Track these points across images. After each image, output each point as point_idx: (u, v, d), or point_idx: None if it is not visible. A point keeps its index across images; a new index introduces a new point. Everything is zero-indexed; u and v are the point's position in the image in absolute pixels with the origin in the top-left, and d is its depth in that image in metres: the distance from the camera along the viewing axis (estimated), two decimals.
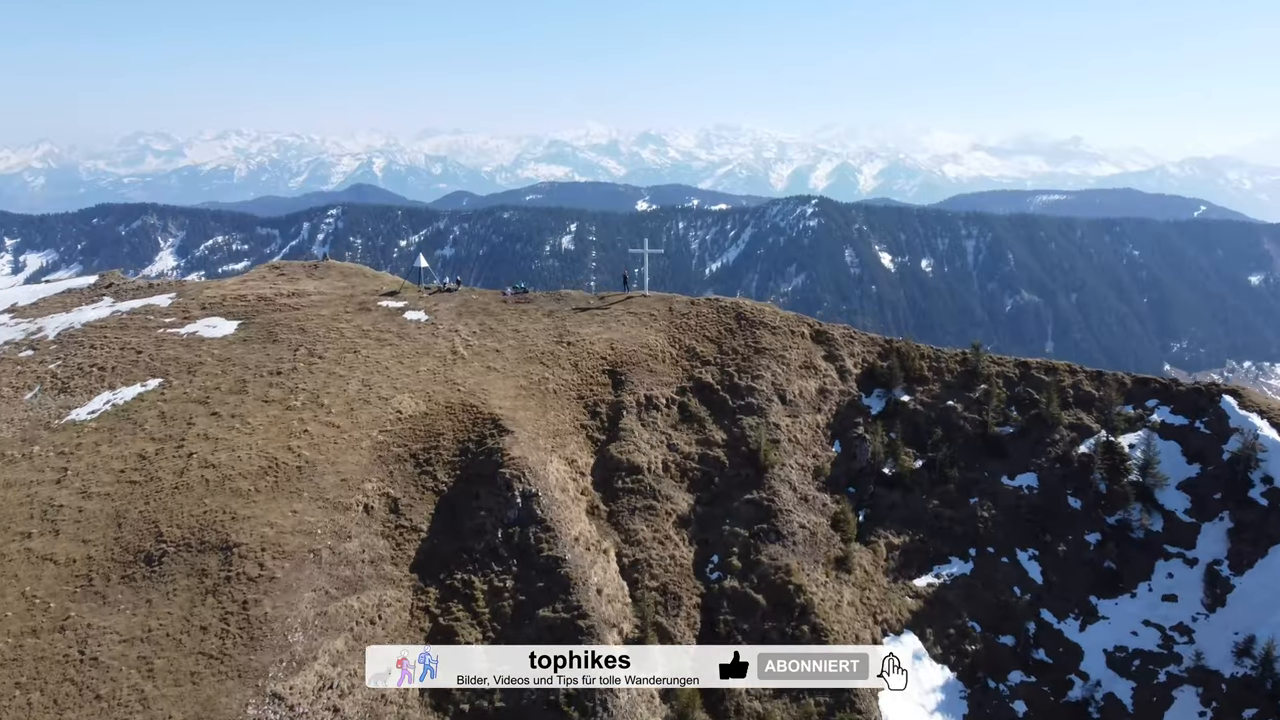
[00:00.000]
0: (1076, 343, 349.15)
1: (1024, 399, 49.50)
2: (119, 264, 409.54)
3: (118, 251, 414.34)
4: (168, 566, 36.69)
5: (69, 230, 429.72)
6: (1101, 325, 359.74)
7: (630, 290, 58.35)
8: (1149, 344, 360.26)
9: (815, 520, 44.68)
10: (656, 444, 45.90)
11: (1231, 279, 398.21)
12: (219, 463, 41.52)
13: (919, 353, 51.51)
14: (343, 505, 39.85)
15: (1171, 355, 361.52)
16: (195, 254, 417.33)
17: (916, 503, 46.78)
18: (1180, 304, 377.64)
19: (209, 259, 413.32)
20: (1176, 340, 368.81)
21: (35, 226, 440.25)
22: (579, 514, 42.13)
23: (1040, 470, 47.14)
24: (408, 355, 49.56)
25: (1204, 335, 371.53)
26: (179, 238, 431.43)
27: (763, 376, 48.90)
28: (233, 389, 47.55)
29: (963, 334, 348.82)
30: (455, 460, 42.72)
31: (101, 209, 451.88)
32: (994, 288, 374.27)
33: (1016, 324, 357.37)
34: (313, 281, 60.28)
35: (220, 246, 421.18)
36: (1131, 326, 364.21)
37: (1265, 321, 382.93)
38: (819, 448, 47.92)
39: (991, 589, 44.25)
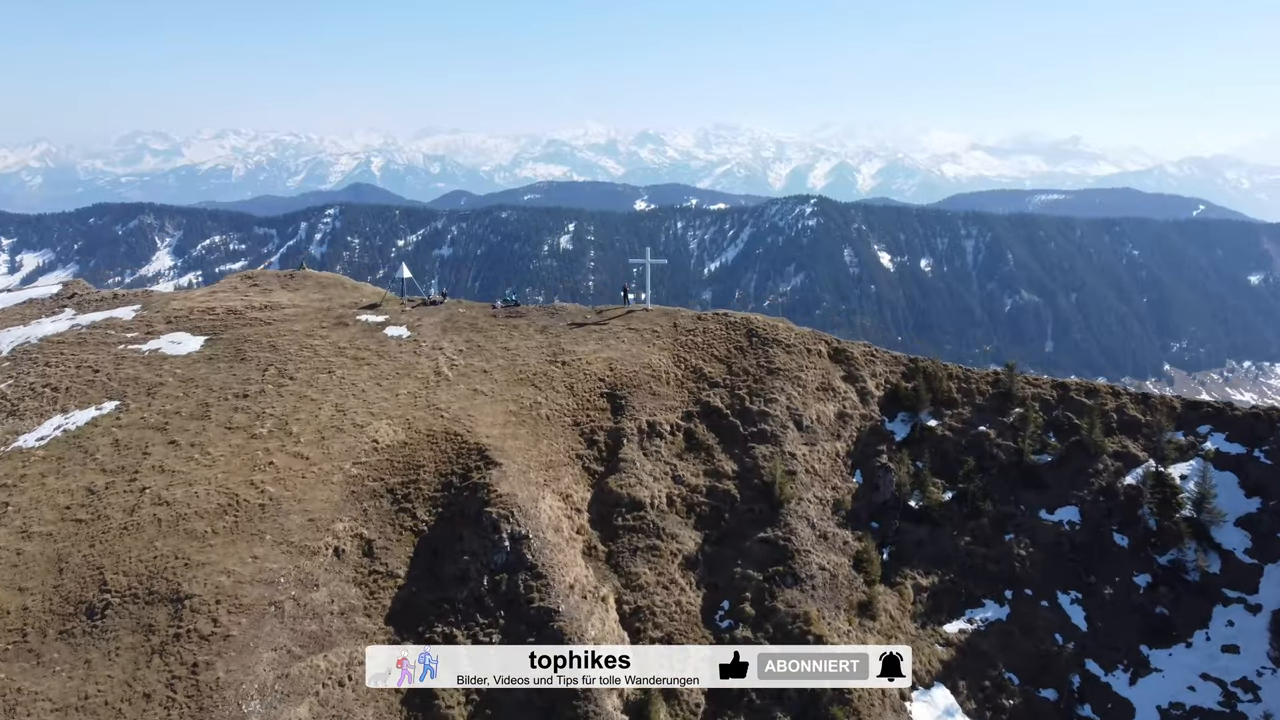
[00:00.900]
0: (1076, 342, 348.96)
1: (1063, 424, 45.14)
2: (116, 264, 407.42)
3: (114, 251, 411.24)
4: (111, 621, 32.57)
5: (65, 230, 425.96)
6: (1101, 325, 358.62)
7: (630, 304, 54.02)
8: (1149, 344, 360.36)
9: (836, 560, 40.38)
10: (660, 476, 41.58)
11: (1231, 278, 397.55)
12: (174, 499, 37.36)
13: (947, 373, 47.14)
14: (310, 549, 35.65)
15: (1171, 355, 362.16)
16: (192, 254, 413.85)
17: (946, 539, 42.50)
18: (1180, 303, 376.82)
19: (206, 259, 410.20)
20: (1176, 340, 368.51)
21: (32, 226, 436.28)
22: (574, 557, 37.85)
23: (1082, 504, 42.82)
24: (387, 376, 45.23)
25: (1204, 335, 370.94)
26: (176, 237, 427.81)
27: (777, 400, 44.52)
28: (194, 413, 43.34)
29: (962, 334, 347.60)
30: (437, 496, 38.49)
31: (98, 209, 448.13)
32: (993, 287, 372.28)
33: (1016, 324, 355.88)
34: (287, 293, 55.88)
35: (217, 246, 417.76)
36: (1131, 326, 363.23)
37: (1265, 321, 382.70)
38: (839, 478, 43.58)
39: (1030, 636, 39.99)
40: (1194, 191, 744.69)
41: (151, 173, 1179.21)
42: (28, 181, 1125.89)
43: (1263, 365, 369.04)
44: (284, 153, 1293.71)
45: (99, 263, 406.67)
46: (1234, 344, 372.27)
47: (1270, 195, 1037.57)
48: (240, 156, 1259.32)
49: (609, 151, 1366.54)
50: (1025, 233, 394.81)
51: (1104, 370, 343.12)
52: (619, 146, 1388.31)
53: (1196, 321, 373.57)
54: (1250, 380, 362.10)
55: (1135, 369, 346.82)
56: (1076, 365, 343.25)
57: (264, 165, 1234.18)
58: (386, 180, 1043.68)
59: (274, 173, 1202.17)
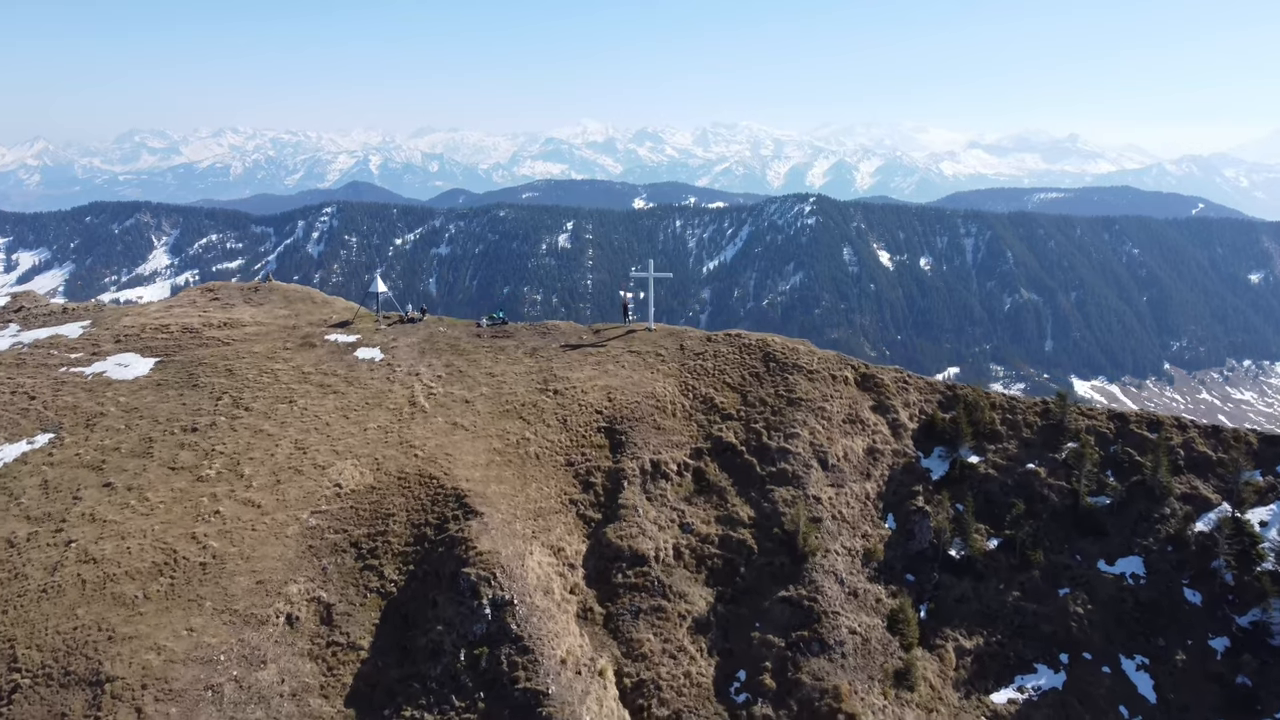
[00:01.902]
0: (1076, 341, 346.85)
1: (1123, 462, 39.75)
2: (112, 263, 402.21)
3: (111, 250, 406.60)
4: (19, 709, 27.49)
5: (62, 229, 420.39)
6: (1101, 324, 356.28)
7: (631, 322, 48.63)
8: (1148, 342, 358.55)
9: (868, 622, 35.11)
10: (666, 524, 36.25)
11: (1231, 277, 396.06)
12: (102, 556, 32.25)
13: (989, 402, 41.74)
14: (257, 617, 30.44)
15: (1171, 354, 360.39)
16: (189, 252, 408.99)
17: (992, 594, 37.21)
18: (1179, 302, 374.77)
19: (203, 257, 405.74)
20: (1176, 339, 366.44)
21: (28, 225, 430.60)
22: (567, 623, 32.57)
23: (1147, 554, 37.50)
24: (355, 407, 39.88)
25: (1203, 334, 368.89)
26: (173, 236, 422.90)
27: (798, 435, 39.11)
28: (135, 450, 38.16)
29: (961, 332, 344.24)
30: (408, 551, 33.28)
31: (94, 207, 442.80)
32: (993, 286, 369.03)
33: (1016, 323, 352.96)
34: (250, 308, 50.44)
35: (214, 245, 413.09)
36: (1131, 325, 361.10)
37: (1265, 320, 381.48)
38: (869, 524, 38.22)
39: (1090, 708, 34.76)
40: (1192, 189, 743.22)
41: (149, 171, 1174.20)
42: (25, 180, 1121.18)
43: (1263, 364, 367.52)
44: (282, 151, 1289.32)
45: (95, 261, 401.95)
46: (1234, 343, 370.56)
47: (1268, 193, 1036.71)
48: (238, 155, 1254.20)
49: (607, 150, 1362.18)
50: (1024, 231, 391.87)
51: (1104, 369, 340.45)
52: (617, 145, 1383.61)
53: (1196, 320, 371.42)
54: (1250, 379, 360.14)
55: (1135, 368, 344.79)
56: (1076, 364, 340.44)
57: (262, 163, 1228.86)
58: (384, 178, 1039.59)
59: (272, 171, 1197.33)
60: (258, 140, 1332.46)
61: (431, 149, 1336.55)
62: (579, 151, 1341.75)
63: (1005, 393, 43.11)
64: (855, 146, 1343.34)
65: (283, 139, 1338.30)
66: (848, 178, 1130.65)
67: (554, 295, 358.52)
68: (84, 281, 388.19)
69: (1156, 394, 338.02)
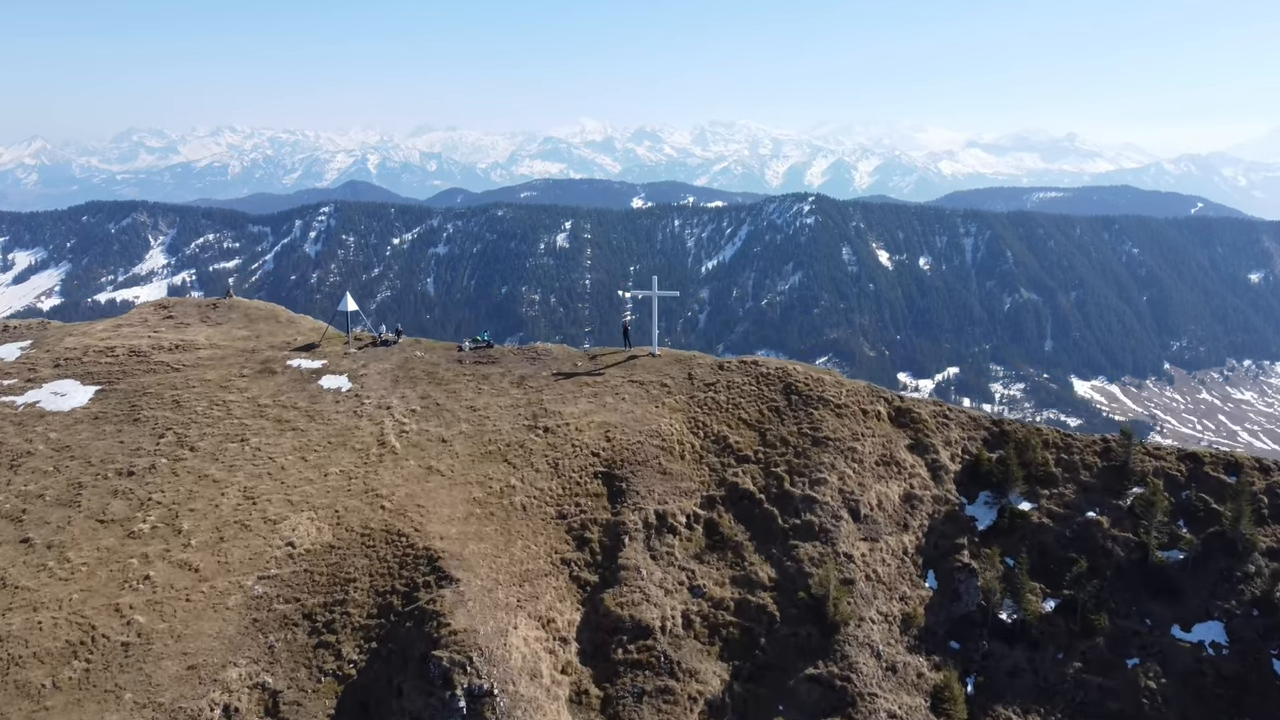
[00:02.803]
0: (1076, 341, 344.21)
1: (1197, 510, 34.71)
2: (109, 262, 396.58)
3: (107, 250, 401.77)
4: None
5: (58, 228, 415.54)
6: (1101, 323, 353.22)
7: (631, 346, 43.41)
8: (1148, 342, 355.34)
9: (909, 703, 30.08)
10: (674, 588, 31.19)
11: (1231, 276, 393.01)
12: (8, 633, 27.41)
13: (1041, 439, 36.64)
14: (186, 712, 25.48)
15: (1171, 353, 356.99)
16: (185, 252, 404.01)
17: (1049, 665, 32.20)
18: (1179, 302, 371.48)
19: (200, 257, 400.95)
20: (1176, 338, 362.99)
21: (25, 224, 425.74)
22: (558, 713, 27.54)
23: (1229, 618, 32.50)
24: (316, 446, 34.79)
25: (1203, 333, 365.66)
26: (169, 236, 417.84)
27: (826, 480, 34.01)
28: (61, 498, 33.15)
29: (961, 333, 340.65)
30: (371, 625, 28.26)
31: (91, 206, 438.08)
32: (993, 286, 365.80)
33: (1015, 323, 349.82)
34: (207, 328, 45.24)
35: (211, 245, 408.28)
36: (1131, 325, 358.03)
37: (1265, 319, 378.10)
38: (908, 584, 33.15)
39: None
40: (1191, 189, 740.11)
41: (147, 170, 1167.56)
42: (23, 179, 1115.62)
43: (1263, 364, 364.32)
44: (280, 150, 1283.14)
45: (92, 261, 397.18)
46: (1234, 342, 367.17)
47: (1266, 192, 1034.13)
48: (236, 154, 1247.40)
49: (606, 149, 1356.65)
50: (1024, 230, 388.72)
51: (1104, 369, 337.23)
52: (616, 144, 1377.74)
53: (1196, 320, 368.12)
54: (1250, 379, 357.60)
55: (1135, 368, 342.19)
56: (1076, 364, 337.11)
57: (260, 162, 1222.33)
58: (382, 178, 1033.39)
59: (270, 170, 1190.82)
60: (255, 139, 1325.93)
61: (429, 148, 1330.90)
62: (577, 151, 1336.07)
63: (1059, 430, 37.99)
64: (854, 146, 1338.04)
65: (280, 138, 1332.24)
66: (846, 177, 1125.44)
67: (552, 295, 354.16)
68: (80, 281, 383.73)
69: (1156, 394, 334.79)
